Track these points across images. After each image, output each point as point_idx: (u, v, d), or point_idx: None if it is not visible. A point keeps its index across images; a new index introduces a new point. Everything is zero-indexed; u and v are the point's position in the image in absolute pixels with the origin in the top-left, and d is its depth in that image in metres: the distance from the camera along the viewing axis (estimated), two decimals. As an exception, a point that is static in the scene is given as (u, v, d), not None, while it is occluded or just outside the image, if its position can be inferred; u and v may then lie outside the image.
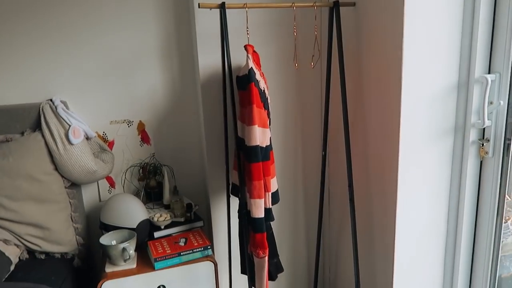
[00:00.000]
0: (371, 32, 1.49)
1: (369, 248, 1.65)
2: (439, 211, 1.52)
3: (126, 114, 1.88)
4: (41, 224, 1.59)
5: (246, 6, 1.45)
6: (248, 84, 1.36)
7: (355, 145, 1.67)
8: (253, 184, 1.37)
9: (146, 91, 1.89)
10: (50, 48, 1.74)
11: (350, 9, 1.60)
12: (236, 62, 1.72)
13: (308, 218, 2.02)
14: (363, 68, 1.57)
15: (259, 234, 1.39)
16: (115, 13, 1.78)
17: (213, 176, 1.82)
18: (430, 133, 1.43)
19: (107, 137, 1.87)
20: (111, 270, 1.53)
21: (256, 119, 1.36)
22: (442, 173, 1.49)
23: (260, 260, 1.42)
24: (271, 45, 1.78)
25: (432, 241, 1.54)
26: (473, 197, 1.49)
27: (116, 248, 1.52)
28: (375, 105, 1.52)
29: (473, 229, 1.52)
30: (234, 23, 1.71)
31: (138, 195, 1.91)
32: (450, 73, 1.41)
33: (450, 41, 1.38)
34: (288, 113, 1.87)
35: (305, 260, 2.06)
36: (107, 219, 1.66)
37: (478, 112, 1.40)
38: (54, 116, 1.65)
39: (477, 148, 1.44)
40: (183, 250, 1.57)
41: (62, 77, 1.77)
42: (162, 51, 1.87)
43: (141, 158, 1.92)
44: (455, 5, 1.36)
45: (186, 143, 1.98)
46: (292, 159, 1.92)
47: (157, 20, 1.84)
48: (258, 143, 1.37)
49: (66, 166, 1.63)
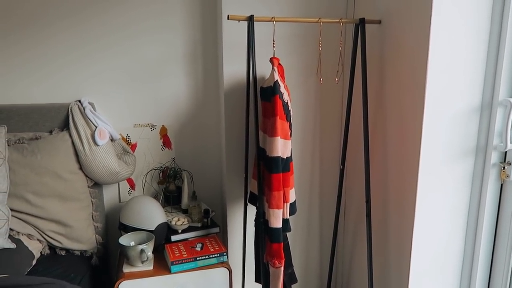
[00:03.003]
0: (395, 50, 1.51)
1: (384, 264, 1.66)
2: (457, 234, 1.52)
3: (150, 118, 1.93)
4: (63, 221, 1.64)
5: (273, 20, 1.49)
6: (273, 96, 1.39)
7: (374, 161, 1.68)
8: (272, 194, 1.40)
9: (170, 96, 1.93)
10: (80, 50, 1.80)
11: (375, 26, 1.62)
12: (260, 72, 1.76)
13: (323, 231, 2.03)
14: (386, 85, 1.58)
15: (276, 244, 1.41)
16: (144, 18, 1.84)
17: (231, 184, 1.85)
18: (451, 153, 1.44)
19: (130, 139, 1.92)
20: (129, 271, 1.57)
21: (279, 130, 1.39)
22: (462, 194, 1.49)
23: (276, 270, 1.44)
24: (295, 57, 1.81)
25: (449, 264, 1.54)
26: (492, 220, 1.48)
27: (134, 249, 1.55)
28: (396, 122, 1.53)
29: (490, 253, 1.51)
30: (260, 33, 1.75)
31: (157, 198, 1.96)
32: (473, 94, 1.42)
33: (475, 62, 1.39)
34: (308, 125, 1.89)
35: (318, 273, 2.07)
36: (126, 220, 1.70)
37: (501, 134, 1.40)
38: (81, 117, 1.71)
39: (498, 171, 1.44)
40: (199, 255, 1.60)
41: (91, 79, 1.83)
42: (188, 57, 1.92)
43: (161, 161, 1.96)
44: (482, 26, 1.37)
45: (206, 149, 2.02)
46: (309, 171, 1.94)
47: (184, 27, 1.89)
48: (279, 154, 1.39)
49: (91, 166, 1.68)
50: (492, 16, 1.36)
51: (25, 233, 1.58)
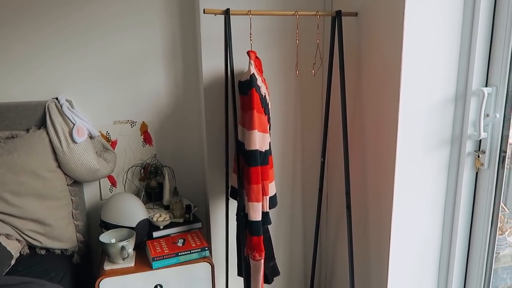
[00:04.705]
0: (372, 42, 1.52)
1: (365, 255, 1.68)
2: (434, 221, 1.54)
3: (130, 115, 1.92)
4: (42, 220, 1.62)
5: (250, 13, 1.48)
6: (250, 90, 1.39)
7: (354, 153, 1.69)
8: (251, 188, 1.40)
9: (150, 92, 1.92)
10: (58, 47, 1.78)
11: (353, 19, 1.63)
12: (239, 66, 1.75)
13: (306, 223, 2.04)
14: (363, 76, 1.60)
15: (255, 237, 1.41)
16: (122, 14, 1.82)
17: (212, 179, 1.85)
18: (427, 143, 1.46)
19: (110, 136, 1.90)
20: (110, 268, 1.56)
21: (256, 124, 1.39)
22: (438, 183, 1.51)
23: (256, 263, 1.44)
24: (274, 51, 1.81)
25: (427, 251, 1.56)
26: (468, 207, 1.51)
27: (115, 246, 1.54)
28: (373, 113, 1.54)
29: (467, 239, 1.54)
30: (239, 27, 1.74)
31: (139, 195, 1.95)
32: (448, 85, 1.43)
33: (448, 53, 1.41)
34: (288, 118, 1.90)
35: (302, 265, 2.08)
36: (107, 218, 1.69)
37: (475, 124, 1.42)
38: (59, 114, 1.68)
39: (473, 160, 1.46)
40: (181, 251, 1.60)
41: (68, 76, 1.81)
42: (167, 53, 1.91)
43: (142, 158, 1.95)
44: (454, 18, 1.38)
45: (187, 145, 2.01)
46: (291, 164, 1.95)
47: (162, 22, 1.88)
48: (257, 147, 1.39)
49: (69, 164, 1.66)
50: (465, 7, 1.38)
51: (3, 233, 1.56)
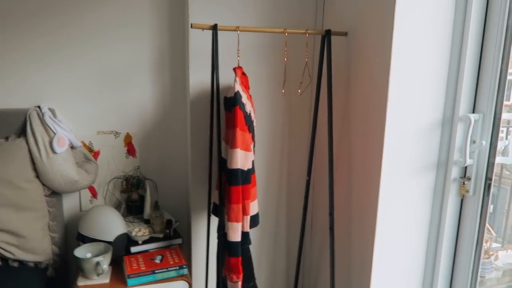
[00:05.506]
0: (360, 63, 1.50)
1: (347, 278, 1.64)
2: (417, 247, 1.51)
3: (114, 125, 1.88)
4: (17, 231, 1.57)
5: (238, 29, 1.46)
6: (233, 107, 1.37)
7: (339, 174, 1.66)
8: (231, 207, 1.36)
9: (135, 104, 1.89)
10: (42, 55, 1.74)
11: (343, 39, 1.62)
12: (226, 81, 1.73)
13: (289, 243, 2.00)
14: (351, 97, 1.58)
15: (234, 258, 1.37)
16: (111, 23, 1.79)
17: (196, 194, 1.81)
18: (413, 167, 1.44)
19: (93, 147, 1.86)
20: (83, 284, 1.51)
21: (239, 142, 1.36)
22: (423, 208, 1.49)
23: (234, 285, 1.40)
24: (262, 67, 1.80)
25: (410, 276, 1.53)
26: (452, 234, 1.48)
27: (89, 261, 1.50)
28: (360, 135, 1.52)
29: (451, 264, 1.51)
30: (228, 42, 1.72)
31: (119, 207, 1.90)
32: (435, 109, 1.42)
33: (437, 78, 1.40)
34: (275, 136, 1.87)
35: (284, 285, 2.04)
36: (85, 231, 1.64)
37: (461, 150, 1.41)
38: (40, 123, 1.65)
39: (458, 186, 1.44)
40: (158, 268, 1.55)
41: (52, 85, 1.77)
42: (155, 66, 1.88)
43: (125, 170, 1.91)
44: (444, 43, 1.37)
45: (172, 158, 1.97)
46: (276, 183, 1.92)
47: (152, 34, 1.85)
48: (239, 166, 1.36)
49: (48, 174, 1.62)
50: (454, 32, 1.37)
51: (-26, 244, 1.51)
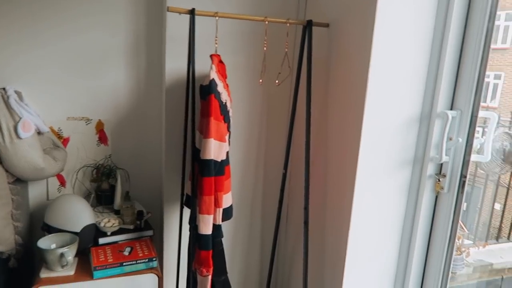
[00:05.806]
0: (341, 56, 1.47)
1: (320, 273, 1.62)
2: (391, 242, 1.51)
3: (85, 111, 1.80)
4: (-24, 219, 1.49)
5: (217, 15, 1.41)
6: (208, 95, 1.32)
7: (315, 168, 1.64)
8: (203, 199, 1.32)
9: (109, 89, 1.81)
10: (9, 34, 1.64)
11: (324, 30, 1.58)
12: (203, 69, 1.67)
13: (264, 236, 1.97)
14: (330, 90, 1.55)
15: (204, 252, 1.33)
16: (84, 4, 1.71)
17: (169, 185, 1.76)
18: (389, 163, 1.42)
19: (62, 133, 1.78)
20: (46, 276, 1.45)
21: (213, 132, 1.31)
22: (398, 204, 1.48)
23: (203, 279, 1.36)
24: (241, 56, 1.75)
25: (383, 270, 1.52)
26: (426, 230, 1.48)
27: (53, 252, 1.43)
28: (338, 128, 1.50)
29: (423, 259, 1.51)
30: (206, 29, 1.66)
31: (89, 197, 1.82)
32: (413, 106, 1.40)
33: (416, 74, 1.38)
34: (252, 127, 1.83)
35: (257, 279, 2.01)
36: (50, 221, 1.58)
37: (437, 146, 1.40)
38: (4, 106, 1.55)
39: (433, 183, 1.43)
40: (126, 260, 1.50)
41: (20, 66, 1.68)
42: (130, 51, 1.81)
43: (96, 158, 1.84)
44: (425, 40, 1.36)
45: (145, 147, 1.91)
46: (252, 175, 1.88)
47: (127, 17, 1.77)
48: (212, 157, 1.32)
49: (11, 160, 1.53)
50: (435, 29, 1.35)
51: None
